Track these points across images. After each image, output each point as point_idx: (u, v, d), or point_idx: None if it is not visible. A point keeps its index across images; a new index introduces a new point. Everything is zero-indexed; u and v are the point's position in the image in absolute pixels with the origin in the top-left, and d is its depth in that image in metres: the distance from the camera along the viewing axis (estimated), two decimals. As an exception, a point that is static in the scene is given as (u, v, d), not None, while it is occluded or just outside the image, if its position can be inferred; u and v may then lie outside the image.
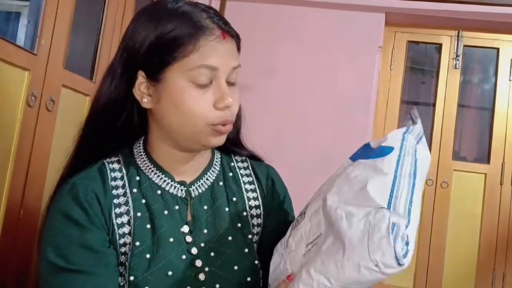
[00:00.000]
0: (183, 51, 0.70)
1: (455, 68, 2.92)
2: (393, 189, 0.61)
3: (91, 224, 0.70)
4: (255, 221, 0.82)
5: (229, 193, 0.82)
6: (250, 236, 0.80)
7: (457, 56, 2.91)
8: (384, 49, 2.90)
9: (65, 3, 1.61)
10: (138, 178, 0.77)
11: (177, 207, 0.77)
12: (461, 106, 2.97)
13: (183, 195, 0.78)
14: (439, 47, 2.99)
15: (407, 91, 3.07)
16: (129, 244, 0.72)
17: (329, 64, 2.79)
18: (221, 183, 0.83)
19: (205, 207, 0.79)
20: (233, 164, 0.87)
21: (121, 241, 0.72)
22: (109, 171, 0.76)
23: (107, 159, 0.78)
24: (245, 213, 0.82)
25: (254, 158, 0.90)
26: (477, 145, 3.08)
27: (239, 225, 0.80)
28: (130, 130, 0.80)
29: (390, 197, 0.60)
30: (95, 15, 1.89)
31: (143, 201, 0.75)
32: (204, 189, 0.80)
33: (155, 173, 0.78)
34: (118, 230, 0.72)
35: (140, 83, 0.74)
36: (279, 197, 0.88)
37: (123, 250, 0.72)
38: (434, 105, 2.95)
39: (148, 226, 0.74)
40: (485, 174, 2.85)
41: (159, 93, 0.73)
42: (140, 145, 0.80)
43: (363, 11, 2.77)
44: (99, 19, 1.90)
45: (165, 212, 0.76)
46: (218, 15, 0.75)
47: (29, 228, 1.54)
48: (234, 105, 0.74)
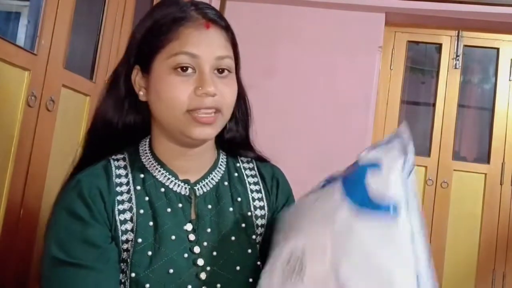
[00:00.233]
0: (165, 39, 0.73)
1: (455, 68, 2.92)
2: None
3: (94, 220, 0.71)
4: (259, 221, 0.82)
5: (234, 193, 0.82)
6: (254, 236, 0.80)
7: (457, 56, 2.91)
8: (384, 49, 2.89)
9: (65, 3, 1.61)
10: (142, 175, 0.78)
11: (180, 205, 0.77)
12: (461, 106, 2.96)
13: (187, 193, 0.78)
14: (439, 47, 2.98)
15: (407, 91, 3.07)
16: (131, 241, 0.72)
17: (329, 64, 2.79)
18: (226, 183, 0.83)
19: (210, 206, 0.79)
20: (238, 164, 0.87)
21: (124, 238, 0.72)
22: (114, 168, 0.77)
23: (113, 157, 0.79)
24: (249, 214, 0.82)
25: (260, 159, 0.90)
26: (477, 145, 3.08)
27: (243, 225, 0.80)
28: (135, 128, 0.81)
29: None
30: (95, 15, 1.89)
31: (146, 198, 0.76)
32: (209, 188, 0.80)
33: (159, 171, 0.78)
34: (120, 226, 0.73)
35: (136, 77, 0.78)
36: (283, 198, 0.87)
37: (125, 246, 0.72)
38: (434, 105, 2.95)
39: (150, 223, 0.74)
40: (485, 174, 2.84)
41: (149, 84, 0.76)
42: (146, 144, 0.81)
43: (363, 11, 2.77)
44: (99, 19, 1.90)
45: (168, 209, 0.76)
46: (208, 7, 0.77)
47: (29, 228, 1.54)
48: (220, 95, 0.73)
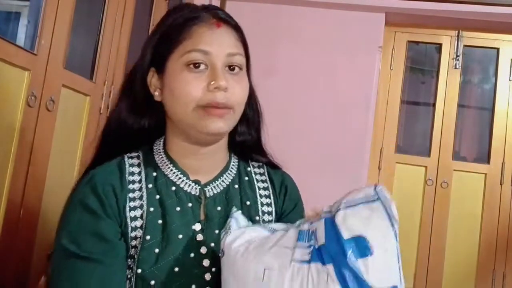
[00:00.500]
0: (179, 39, 0.76)
1: (455, 68, 2.92)
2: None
3: (106, 214, 0.73)
4: None
5: (243, 196, 0.83)
6: None
7: (457, 56, 2.91)
8: (384, 49, 2.90)
9: (65, 3, 1.61)
10: (155, 174, 0.79)
11: (190, 205, 0.78)
12: (461, 106, 2.97)
13: (197, 194, 0.79)
14: (439, 47, 2.99)
15: (407, 91, 3.07)
16: (139, 237, 0.73)
17: (329, 64, 2.79)
18: (236, 186, 0.84)
19: (219, 208, 0.80)
20: (249, 169, 0.88)
21: (133, 234, 0.74)
22: (127, 166, 0.79)
23: (128, 154, 0.81)
24: (257, 218, 0.82)
25: (272, 165, 0.91)
26: (477, 145, 3.08)
27: None
28: (150, 130, 0.84)
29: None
30: (95, 15, 1.89)
31: (157, 196, 0.77)
32: (219, 190, 0.81)
33: (171, 170, 0.80)
34: (130, 223, 0.74)
35: (152, 79, 0.80)
36: (290, 204, 0.88)
37: (133, 243, 0.73)
38: (434, 105, 2.95)
39: (159, 221, 0.75)
40: (485, 174, 2.85)
41: (163, 83, 0.78)
42: (160, 143, 0.83)
43: (363, 11, 2.77)
44: (99, 19, 1.90)
45: (178, 208, 0.77)
46: (218, 8, 0.81)
47: (29, 228, 1.54)
48: (232, 91, 0.75)
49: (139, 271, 0.71)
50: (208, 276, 0.74)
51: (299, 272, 0.61)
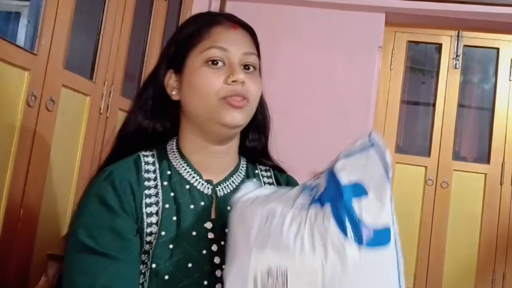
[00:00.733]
0: (198, 39, 0.81)
1: (455, 68, 2.92)
2: None
3: (123, 211, 0.75)
4: None
5: None
6: None
7: (457, 56, 2.91)
8: (384, 49, 2.89)
9: (65, 3, 1.61)
10: (169, 172, 0.83)
11: (202, 203, 0.81)
12: (461, 106, 2.97)
13: (209, 193, 0.83)
14: (439, 47, 2.99)
15: (407, 91, 3.07)
16: (155, 233, 0.76)
17: (329, 64, 2.79)
18: None
19: (229, 208, 0.82)
20: (257, 171, 0.93)
21: (148, 230, 0.76)
22: (143, 164, 0.82)
23: (143, 152, 0.84)
24: None
25: (278, 169, 0.96)
26: (477, 145, 3.08)
27: None
28: (164, 132, 0.87)
29: None
30: (95, 15, 1.89)
31: (172, 194, 0.80)
32: (230, 190, 0.85)
33: (185, 169, 0.83)
34: (146, 219, 0.77)
35: (170, 80, 0.84)
36: None
37: (148, 239, 0.76)
38: (434, 105, 2.95)
39: (174, 218, 0.78)
40: (485, 174, 2.84)
41: (182, 81, 0.83)
42: (173, 143, 0.87)
43: (363, 11, 2.77)
44: (99, 19, 1.90)
45: (191, 206, 0.80)
46: (233, 15, 0.87)
47: (29, 228, 1.54)
48: (248, 85, 0.80)
49: (154, 266, 0.74)
50: (219, 273, 0.77)
51: (299, 215, 0.65)
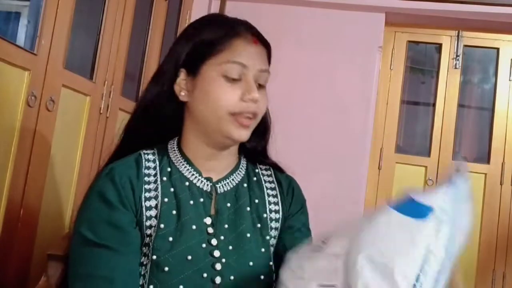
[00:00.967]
0: (218, 49, 0.82)
1: (455, 68, 2.92)
2: (423, 267, 0.60)
3: (122, 205, 0.78)
4: (274, 224, 0.89)
5: (252, 195, 0.89)
6: (267, 237, 0.87)
7: (457, 56, 2.91)
8: (384, 49, 2.89)
9: (65, 3, 1.61)
10: (169, 169, 0.85)
11: (202, 200, 0.84)
12: (461, 106, 2.97)
13: (209, 190, 0.85)
14: (439, 47, 2.99)
15: (407, 91, 3.07)
16: (154, 226, 0.79)
17: (329, 64, 2.79)
18: (245, 185, 0.89)
19: (228, 204, 0.86)
20: (257, 170, 0.94)
21: (147, 223, 0.79)
22: (144, 161, 0.85)
23: (144, 151, 0.87)
24: (265, 215, 0.88)
25: (277, 168, 0.97)
26: (477, 145, 3.08)
27: (259, 225, 0.86)
28: (167, 127, 0.89)
29: (417, 277, 0.59)
30: (95, 15, 1.89)
31: (172, 189, 0.83)
32: (229, 188, 0.87)
33: (185, 167, 0.86)
34: (145, 212, 0.80)
35: (181, 79, 0.85)
36: (297, 206, 0.93)
37: (148, 232, 0.79)
38: (434, 105, 2.95)
39: (174, 212, 0.81)
40: (485, 174, 2.85)
41: (194, 85, 0.84)
42: (174, 142, 0.89)
43: (363, 11, 2.77)
44: (99, 19, 1.90)
45: (191, 202, 0.83)
46: (252, 26, 0.88)
47: (29, 228, 1.55)
48: (260, 103, 0.83)
49: (154, 257, 0.76)
50: (218, 266, 0.79)
51: None
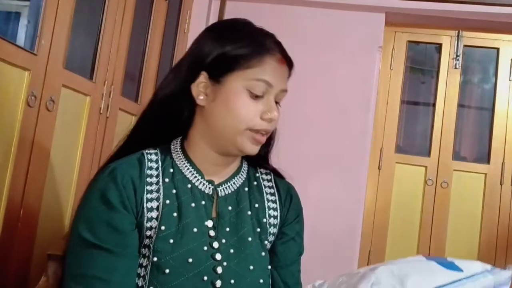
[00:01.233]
0: (248, 63, 0.82)
1: (455, 68, 2.92)
2: None
3: (123, 206, 0.78)
4: (272, 229, 0.90)
5: (252, 199, 0.90)
6: (266, 242, 0.87)
7: (457, 56, 2.91)
8: (384, 49, 2.89)
9: (65, 3, 1.61)
10: (171, 170, 0.85)
11: (203, 202, 0.84)
12: (461, 106, 2.96)
13: (210, 193, 0.85)
14: (439, 47, 2.98)
15: (407, 91, 3.07)
16: (155, 228, 0.79)
17: (329, 64, 2.79)
18: (246, 189, 0.90)
19: (230, 208, 0.86)
20: (258, 175, 0.95)
21: (148, 225, 0.79)
22: (147, 161, 0.85)
23: (147, 151, 0.87)
24: (264, 220, 0.88)
25: (277, 173, 0.98)
26: (477, 145, 3.08)
27: (258, 230, 0.87)
28: (176, 124, 0.89)
29: None
30: (95, 15, 1.89)
31: (174, 191, 0.83)
32: (230, 191, 0.88)
33: (188, 169, 0.86)
34: (147, 213, 0.79)
35: (200, 82, 0.84)
36: (293, 214, 0.94)
37: (148, 233, 0.79)
38: (434, 105, 2.95)
39: (175, 214, 0.81)
40: (485, 174, 2.84)
41: (216, 93, 0.83)
42: (177, 143, 0.89)
43: (363, 11, 2.77)
44: (99, 19, 1.89)
45: (192, 204, 0.83)
46: (278, 41, 0.89)
47: (29, 228, 1.54)
48: (275, 121, 0.85)
49: (155, 259, 0.76)
50: (219, 269, 0.79)
51: None
